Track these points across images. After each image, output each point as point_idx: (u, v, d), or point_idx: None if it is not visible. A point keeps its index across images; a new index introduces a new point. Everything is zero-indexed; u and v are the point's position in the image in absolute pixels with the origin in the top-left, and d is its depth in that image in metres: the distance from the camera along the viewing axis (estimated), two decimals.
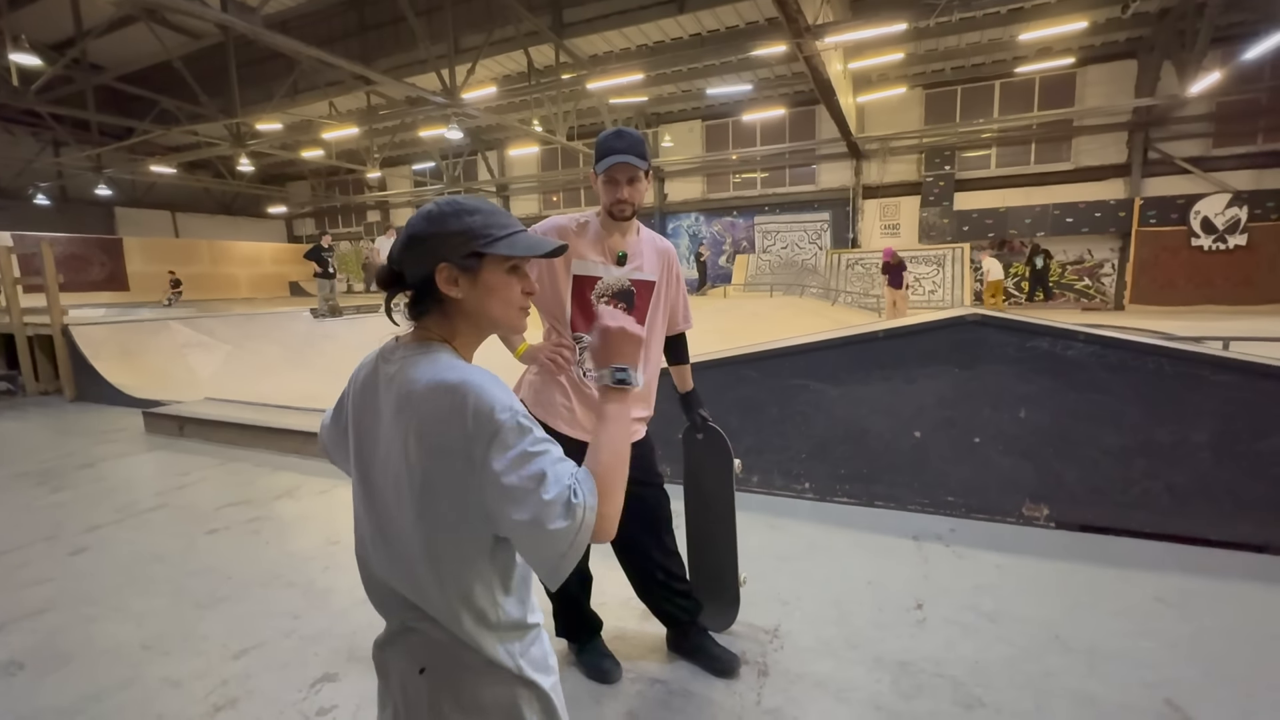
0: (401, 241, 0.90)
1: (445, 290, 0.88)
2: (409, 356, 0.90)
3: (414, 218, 0.90)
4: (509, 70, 14.81)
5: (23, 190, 18.96)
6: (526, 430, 0.81)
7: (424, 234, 0.88)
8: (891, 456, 3.14)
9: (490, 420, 0.80)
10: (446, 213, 0.89)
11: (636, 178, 1.70)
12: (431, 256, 0.87)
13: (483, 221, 0.89)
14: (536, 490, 0.78)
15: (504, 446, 0.80)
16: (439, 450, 0.83)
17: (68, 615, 2.40)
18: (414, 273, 0.89)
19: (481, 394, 0.82)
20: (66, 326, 6.93)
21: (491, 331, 0.98)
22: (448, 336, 0.93)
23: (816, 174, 17.35)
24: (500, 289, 0.92)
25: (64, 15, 12.79)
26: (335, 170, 22.12)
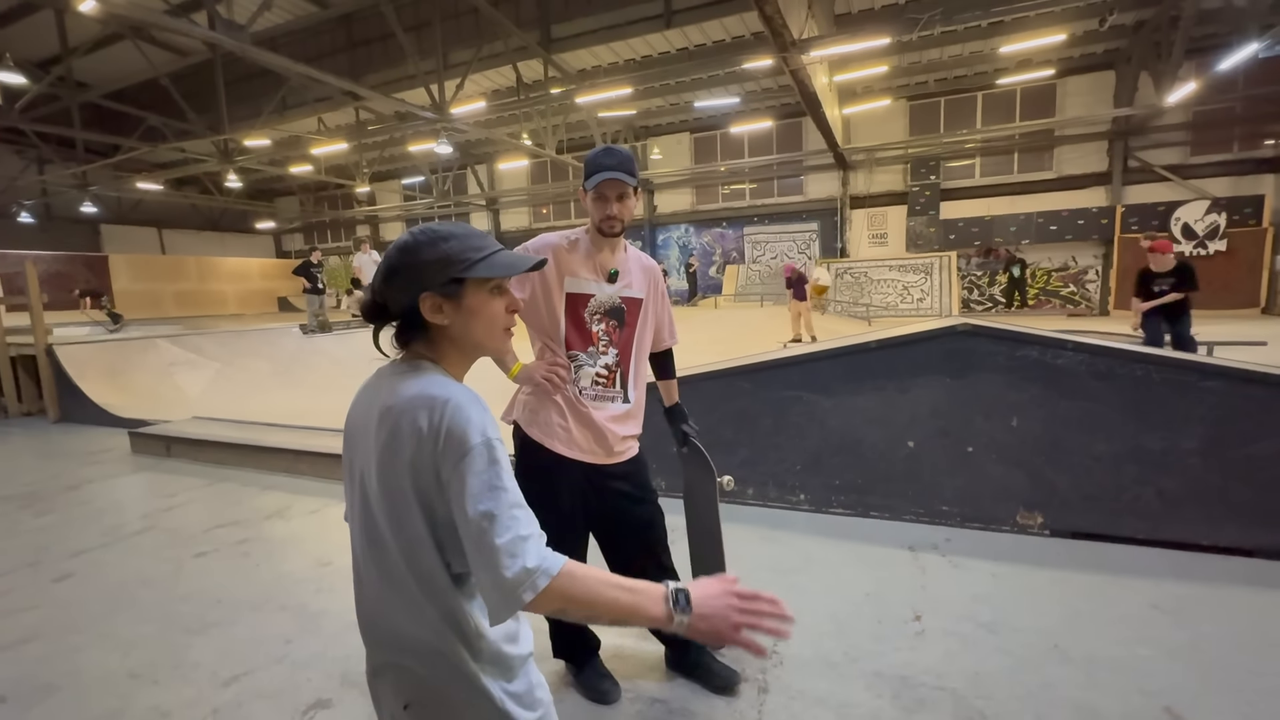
0: (381, 274, 0.90)
1: (431, 319, 0.89)
2: (399, 373, 0.91)
3: (390, 250, 0.90)
4: (498, 85, 14.90)
5: (6, 208, 18.77)
6: (495, 462, 0.80)
7: (402, 265, 0.88)
8: (886, 467, 3.15)
9: (462, 442, 0.80)
10: (421, 242, 0.89)
11: (626, 194, 1.71)
12: (413, 287, 0.87)
13: (459, 246, 0.89)
14: (489, 530, 0.77)
15: (469, 472, 0.79)
16: (412, 464, 0.82)
17: (52, 644, 2.34)
18: (397, 303, 0.90)
19: (458, 413, 0.81)
20: (50, 346, 6.84)
21: (478, 355, 0.97)
22: (436, 360, 0.93)
23: (804, 185, 17.53)
24: (483, 311, 0.92)
25: (50, 33, 12.75)
26: (324, 185, 22.09)
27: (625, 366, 1.83)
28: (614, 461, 1.81)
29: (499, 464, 0.80)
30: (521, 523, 0.79)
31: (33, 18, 13.01)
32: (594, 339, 1.77)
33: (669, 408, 2.07)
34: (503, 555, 0.76)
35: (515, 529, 0.78)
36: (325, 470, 4.32)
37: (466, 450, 0.79)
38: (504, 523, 0.77)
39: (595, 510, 1.86)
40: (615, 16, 12.37)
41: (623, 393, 1.83)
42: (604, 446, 1.78)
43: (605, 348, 1.79)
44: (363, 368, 1.04)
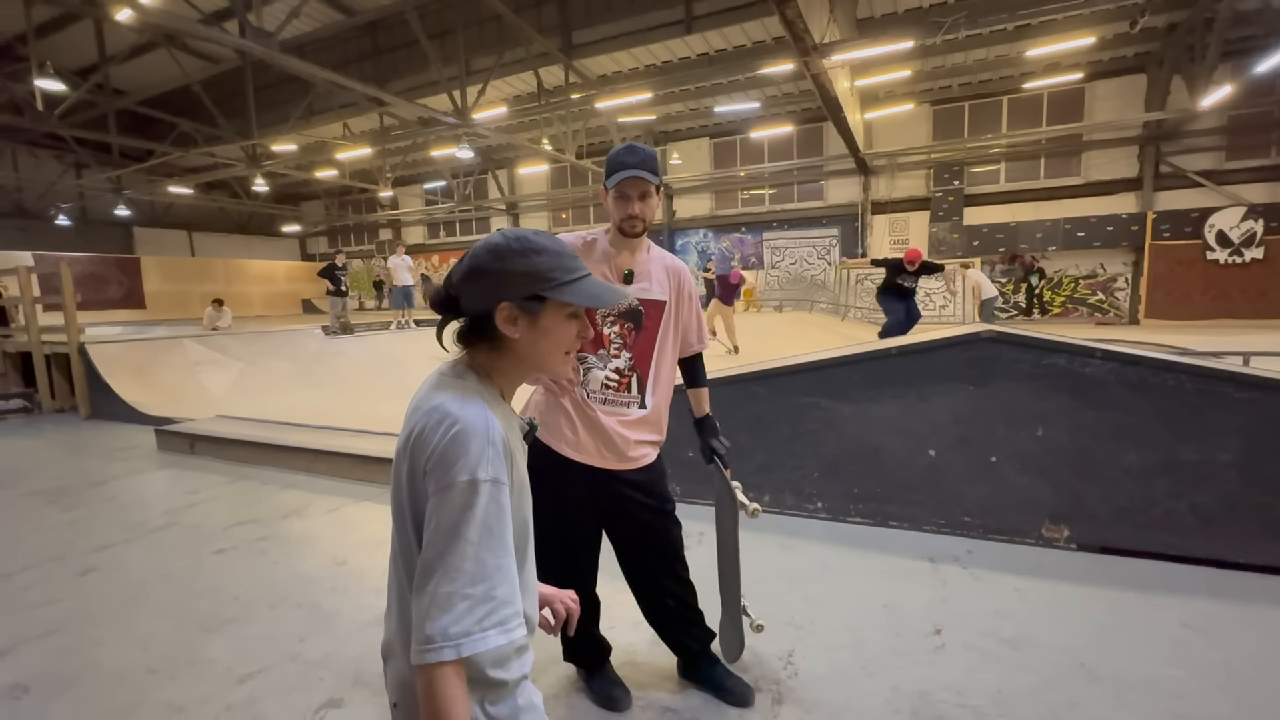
0: (463, 271, 0.87)
1: (503, 329, 0.86)
2: (443, 376, 0.90)
3: (479, 249, 0.87)
4: (519, 90, 15.03)
5: (45, 211, 19.39)
6: (470, 507, 0.75)
7: (489, 269, 0.85)
8: (905, 475, 3.09)
9: (447, 473, 0.77)
10: (514, 249, 0.86)
11: (648, 193, 1.69)
12: (494, 293, 0.85)
13: (549, 263, 0.86)
14: (432, 575, 0.74)
15: (441, 507, 0.76)
16: (411, 472, 0.82)
17: (75, 637, 2.39)
18: (472, 305, 0.88)
19: (457, 441, 0.78)
20: (83, 344, 7.03)
21: (536, 373, 0.95)
22: (490, 370, 0.91)
23: (825, 190, 17.39)
24: (556, 333, 0.89)
25: (88, 42, 13.17)
26: (348, 190, 22.48)
27: (643, 371, 1.81)
28: (627, 468, 1.79)
29: (473, 510, 0.75)
30: (469, 579, 0.73)
31: (73, 28, 13.47)
32: (605, 342, 1.76)
33: (698, 419, 2.02)
34: (432, 606, 0.72)
35: (458, 584, 0.72)
36: (343, 470, 4.36)
37: (448, 484, 0.76)
38: (449, 573, 0.73)
39: (607, 515, 1.84)
40: (636, 22, 12.41)
41: (639, 398, 1.80)
42: (614, 452, 1.76)
43: (618, 351, 1.77)
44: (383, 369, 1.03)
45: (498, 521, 0.77)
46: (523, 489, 0.89)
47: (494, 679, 0.84)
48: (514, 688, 0.88)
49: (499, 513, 0.78)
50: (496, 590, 0.75)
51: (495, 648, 0.75)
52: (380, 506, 3.76)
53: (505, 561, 0.77)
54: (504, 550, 0.78)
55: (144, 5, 7.72)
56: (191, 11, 12.48)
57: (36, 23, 11.76)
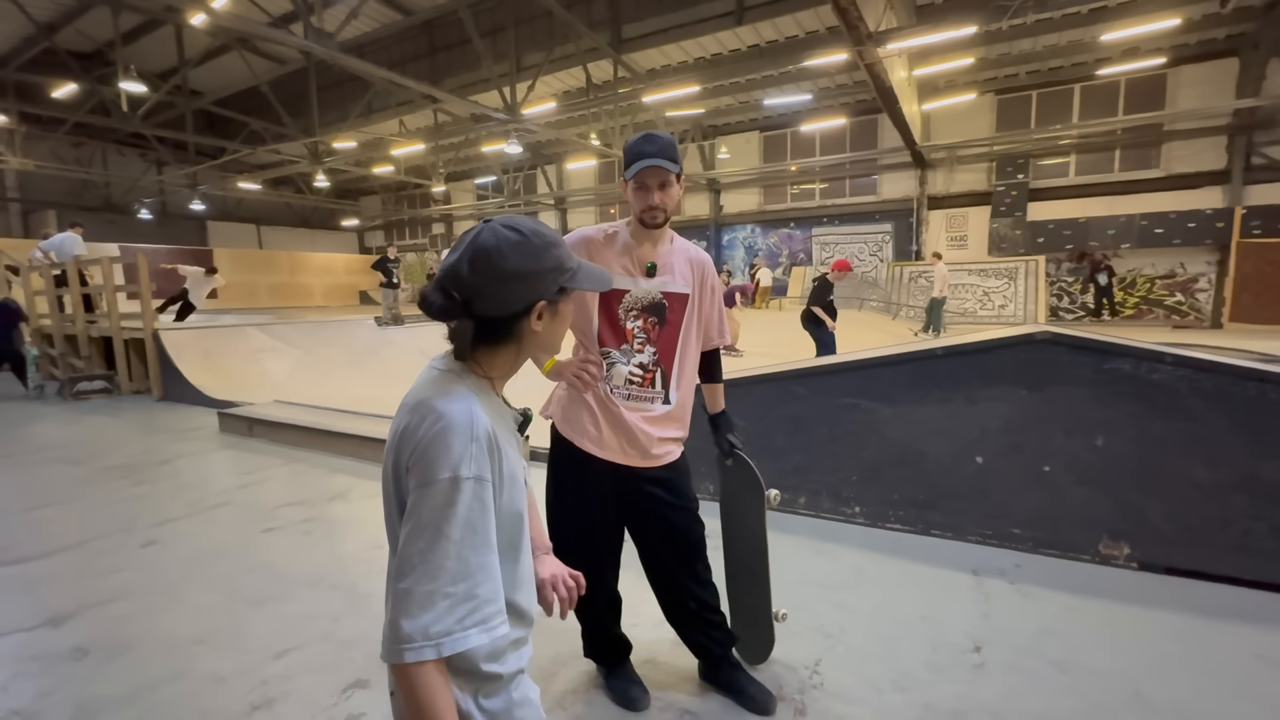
0: (488, 274, 0.80)
1: (533, 326, 0.85)
2: (434, 369, 0.88)
3: (500, 248, 0.80)
4: (568, 86, 15.15)
5: (129, 206, 20.79)
6: (452, 505, 0.74)
7: (525, 270, 0.81)
8: (950, 482, 2.94)
9: (430, 469, 0.75)
10: (538, 245, 0.83)
11: (668, 182, 1.64)
12: (531, 294, 0.83)
13: (565, 254, 0.87)
14: (411, 572, 0.73)
15: (422, 503, 0.74)
16: (396, 466, 0.81)
17: (134, 605, 2.54)
18: (496, 307, 0.82)
19: (441, 437, 0.76)
20: (156, 331, 7.49)
21: (535, 358, 0.99)
22: (488, 366, 0.88)
23: (878, 184, 16.85)
24: (567, 319, 0.94)
25: (169, 47, 14.02)
26: (404, 185, 23.21)
27: (667, 366, 1.77)
28: (650, 465, 1.76)
29: (455, 507, 0.73)
30: (451, 577, 0.72)
31: (155, 34, 14.36)
32: (628, 336, 1.73)
33: (714, 415, 1.98)
34: (412, 603, 0.71)
35: (439, 582, 0.71)
36: None
37: (430, 480, 0.75)
38: (430, 570, 0.72)
39: (630, 513, 1.82)
40: (686, 15, 12.30)
41: (663, 393, 1.77)
42: (637, 448, 1.73)
43: (641, 345, 1.74)
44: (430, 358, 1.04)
45: (480, 519, 0.76)
46: (514, 482, 0.87)
47: (488, 672, 0.83)
48: (509, 681, 0.86)
49: (482, 510, 0.76)
50: (479, 589, 0.74)
51: (478, 646, 0.74)
52: None
53: (488, 559, 0.76)
54: (486, 548, 0.76)
55: (215, 10, 8.14)
56: (261, 15, 13.08)
57: (123, 30, 12.60)
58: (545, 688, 1.93)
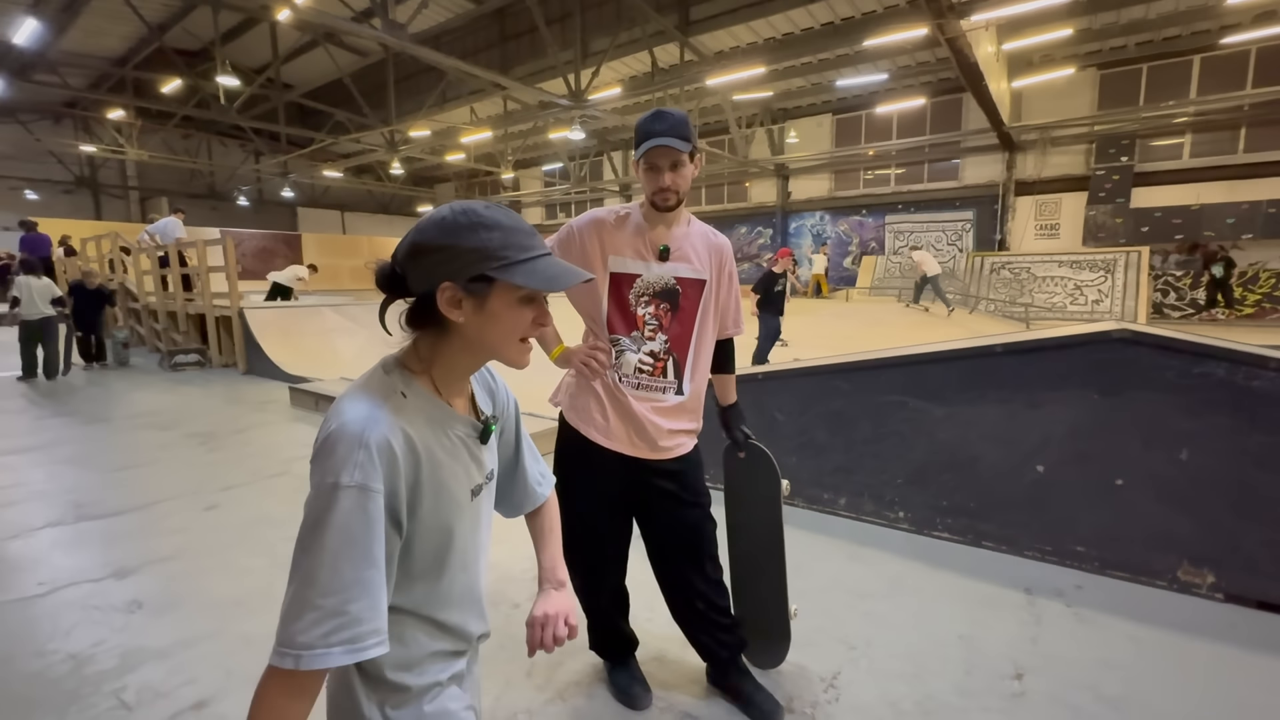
0: (406, 247, 0.79)
1: (445, 312, 0.78)
2: (376, 365, 0.84)
3: (424, 223, 0.79)
4: (635, 71, 15.04)
5: (230, 193, 22.49)
6: (326, 511, 0.69)
7: (433, 244, 0.77)
8: (1006, 491, 2.70)
9: (316, 470, 0.73)
10: (461, 224, 0.77)
11: (680, 162, 1.55)
12: (437, 271, 0.77)
13: (500, 240, 0.77)
14: (292, 575, 0.70)
15: (311, 504, 0.71)
16: None
17: (188, 564, 2.72)
18: (417, 284, 0.79)
19: (331, 439, 0.72)
20: (242, 309, 8.05)
21: (487, 360, 0.88)
22: (429, 358, 0.84)
23: (960, 169, 15.84)
24: (505, 319, 0.80)
25: (264, 44, 14.94)
26: (475, 173, 23.89)
27: (680, 354, 1.69)
28: (659, 457, 1.69)
29: (332, 515, 0.69)
30: (321, 589, 0.68)
31: (252, 31, 15.33)
32: (639, 323, 1.65)
33: (725, 407, 1.88)
34: (288, 608, 0.68)
35: (311, 591, 0.68)
36: None
37: (315, 484, 0.72)
38: (305, 577, 0.68)
39: (638, 506, 1.76)
40: None
41: (675, 383, 1.69)
42: (645, 440, 1.66)
43: (653, 333, 1.66)
44: None
45: (363, 531, 0.70)
46: (442, 494, 0.81)
47: (394, 682, 0.80)
48: (420, 694, 0.83)
49: (365, 522, 0.71)
50: (349, 605, 0.68)
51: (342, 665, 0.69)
52: None
53: (366, 575, 0.70)
54: (366, 562, 0.71)
55: (299, 5, 8.57)
56: (344, 10, 13.70)
57: (224, 29, 13.53)
58: (550, 677, 1.91)
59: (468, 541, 0.88)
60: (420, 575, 0.82)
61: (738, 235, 19.69)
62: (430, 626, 0.85)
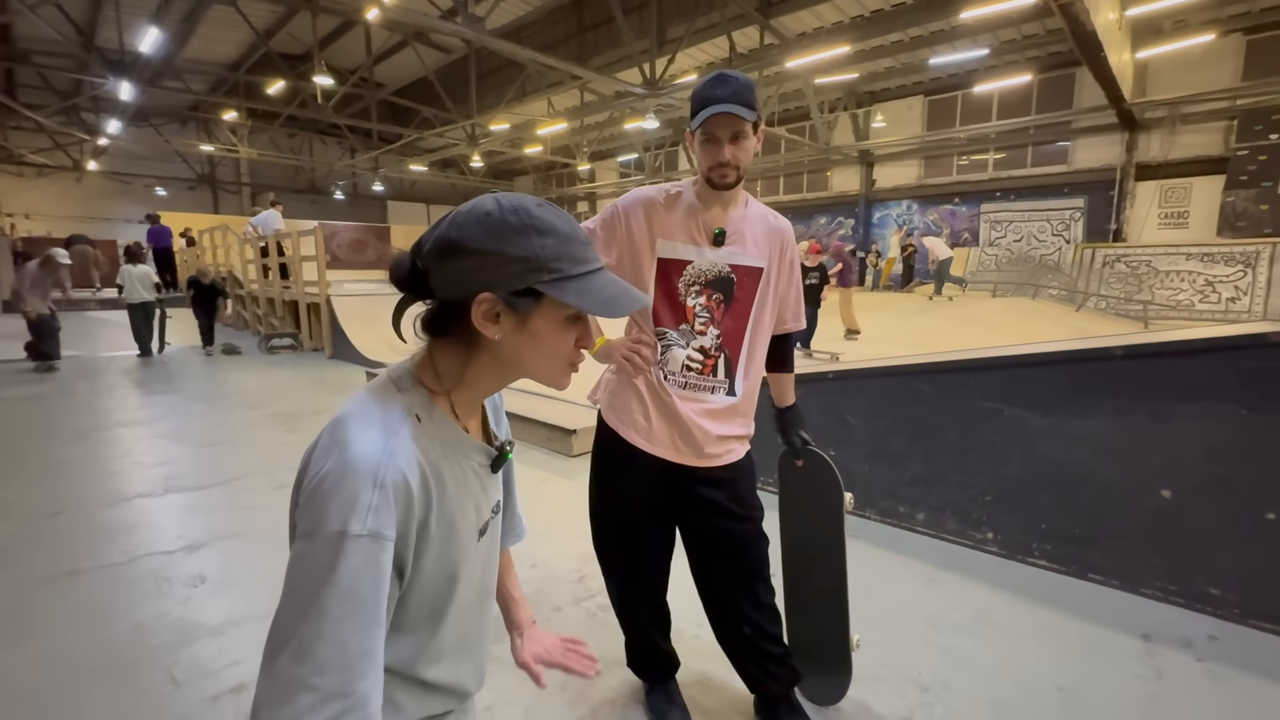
0: (438, 244, 0.66)
1: (479, 325, 0.66)
2: (383, 375, 0.72)
3: (464, 216, 0.66)
4: (712, 57, 14.68)
5: (327, 188, 23.99)
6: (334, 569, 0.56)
7: (474, 246, 0.64)
8: (1122, 517, 2.32)
9: (315, 516, 0.58)
10: (511, 225, 0.64)
11: (742, 133, 1.35)
12: (476, 278, 0.64)
13: (554, 250, 0.65)
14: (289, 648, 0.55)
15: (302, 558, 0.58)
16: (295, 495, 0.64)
17: (251, 543, 2.81)
18: (446, 288, 0.67)
19: (337, 475, 0.59)
20: (329, 297, 8.49)
21: (514, 380, 0.74)
22: (450, 375, 0.71)
23: (1070, 151, 14.42)
24: (550, 341, 0.69)
25: (359, 45, 15.73)
26: (552, 165, 24.26)
27: (733, 351, 1.50)
28: (706, 464, 1.51)
29: (336, 574, 0.56)
30: (319, 666, 0.55)
31: (349, 34, 16.17)
32: (689, 315, 1.48)
33: (781, 409, 1.68)
34: (273, 689, 0.55)
35: (305, 668, 0.54)
36: None
37: (313, 530, 0.58)
38: (298, 653, 0.55)
39: (681, 517, 1.59)
40: None
41: (726, 383, 1.51)
42: (690, 445, 1.49)
43: (704, 326, 1.48)
44: None
45: (372, 591, 0.58)
46: (452, 534, 0.69)
47: None
48: None
49: (376, 580, 0.58)
50: (356, 684, 0.56)
51: None
52: (519, 465, 3.93)
53: (373, 644, 0.58)
54: (375, 629, 0.58)
55: (386, 4, 8.88)
56: (429, 7, 14.17)
57: (323, 33, 14.34)
58: (583, 692, 1.79)
59: (472, 587, 0.76)
60: (411, 629, 0.70)
61: (817, 226, 18.93)
62: (417, 688, 0.73)
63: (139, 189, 21.52)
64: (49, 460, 3.95)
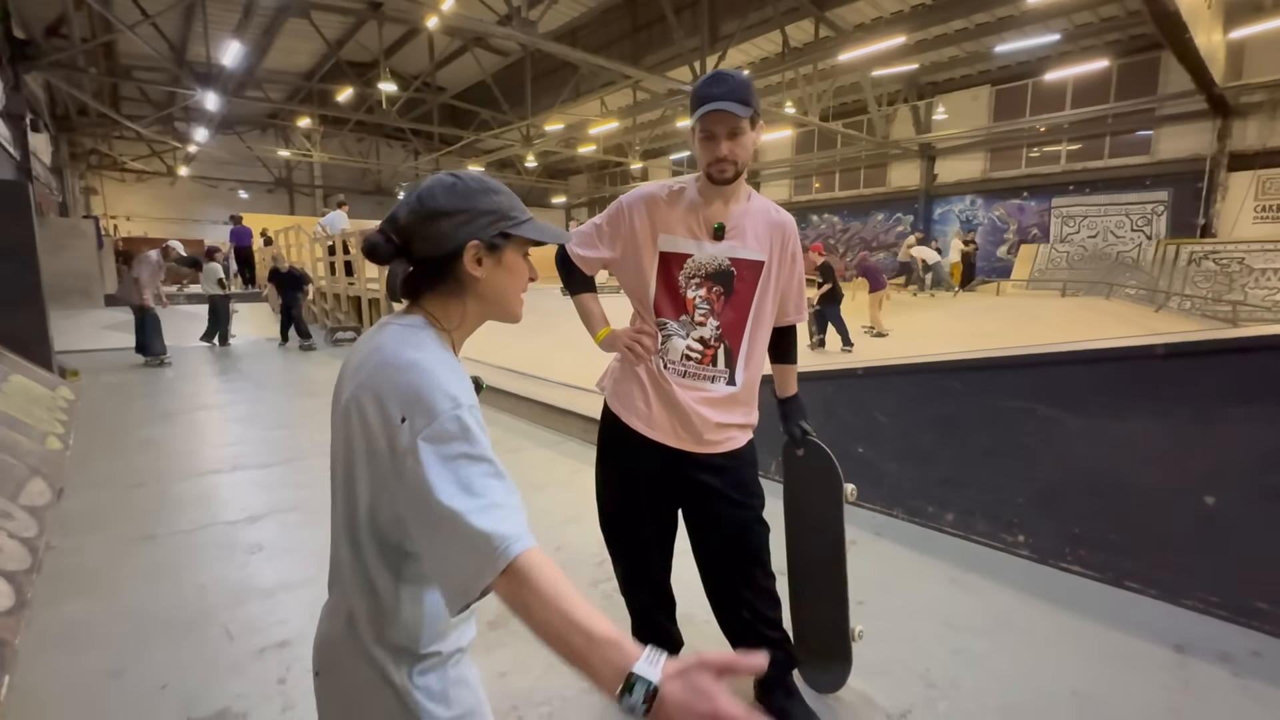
0: (419, 213, 0.81)
1: (470, 269, 0.83)
2: (390, 324, 0.85)
3: (428, 191, 0.83)
4: (765, 52, 14.51)
5: (392, 189, 25.08)
6: (467, 429, 0.71)
7: (451, 208, 0.81)
8: (1162, 524, 2.22)
9: (429, 410, 0.71)
10: (474, 189, 0.83)
11: (739, 129, 1.40)
12: (460, 232, 0.81)
13: (509, 202, 0.86)
14: (460, 496, 0.67)
15: (436, 441, 0.70)
16: (370, 429, 0.75)
17: (305, 517, 3.05)
18: (431, 248, 0.82)
19: (429, 378, 0.74)
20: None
21: (489, 318, 0.90)
22: (442, 317, 0.86)
23: (1154, 141, 13.46)
24: (518, 272, 0.89)
25: (421, 53, 16.41)
26: (605, 164, 24.52)
27: (733, 342, 1.55)
28: (705, 451, 1.57)
29: (470, 430, 0.72)
30: (496, 491, 0.69)
31: (413, 42, 16.88)
32: (688, 306, 1.53)
33: (784, 399, 1.71)
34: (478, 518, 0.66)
35: (488, 497, 0.68)
36: (537, 416, 4.82)
37: (433, 417, 0.71)
38: (476, 492, 0.68)
39: (682, 502, 1.65)
40: None
41: (727, 373, 1.56)
42: (690, 432, 1.55)
43: (704, 318, 1.53)
44: None
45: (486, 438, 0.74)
46: None
47: (425, 653, 0.81)
48: (446, 660, 0.84)
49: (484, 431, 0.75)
50: (515, 496, 0.71)
51: None
52: (555, 455, 4.07)
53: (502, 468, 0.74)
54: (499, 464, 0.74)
55: (444, 12, 9.25)
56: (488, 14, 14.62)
57: (389, 41, 15.04)
58: None
59: None
60: None
61: (874, 222, 18.40)
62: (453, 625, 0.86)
63: (224, 192, 23.15)
64: (139, 438, 4.37)
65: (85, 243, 11.83)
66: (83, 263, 11.68)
